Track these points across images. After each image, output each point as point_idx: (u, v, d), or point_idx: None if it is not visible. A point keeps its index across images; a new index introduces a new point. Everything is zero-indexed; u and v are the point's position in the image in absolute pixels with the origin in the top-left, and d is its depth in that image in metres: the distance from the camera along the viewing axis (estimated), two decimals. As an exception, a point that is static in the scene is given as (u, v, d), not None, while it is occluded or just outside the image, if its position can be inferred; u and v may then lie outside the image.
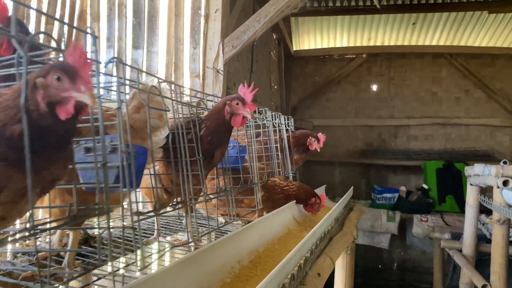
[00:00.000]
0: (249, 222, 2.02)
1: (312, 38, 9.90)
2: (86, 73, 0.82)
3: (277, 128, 2.92)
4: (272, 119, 2.82)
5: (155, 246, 1.92)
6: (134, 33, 4.24)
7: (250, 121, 2.44)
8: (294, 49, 10.03)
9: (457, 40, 9.43)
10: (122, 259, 1.40)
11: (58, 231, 1.53)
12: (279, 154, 2.81)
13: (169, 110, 1.50)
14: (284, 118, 3.14)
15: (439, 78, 9.59)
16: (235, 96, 1.78)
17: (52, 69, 0.81)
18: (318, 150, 3.08)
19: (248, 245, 1.65)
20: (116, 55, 4.03)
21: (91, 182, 1.09)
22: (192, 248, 1.78)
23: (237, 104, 1.76)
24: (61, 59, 0.94)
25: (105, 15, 4.16)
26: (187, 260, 1.20)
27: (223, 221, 2.40)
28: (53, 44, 2.05)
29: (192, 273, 1.21)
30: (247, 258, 1.57)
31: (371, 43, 9.83)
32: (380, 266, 9.30)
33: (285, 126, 3.14)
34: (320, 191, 3.35)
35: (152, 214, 1.42)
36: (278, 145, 2.78)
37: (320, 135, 3.13)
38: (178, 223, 2.41)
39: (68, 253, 1.41)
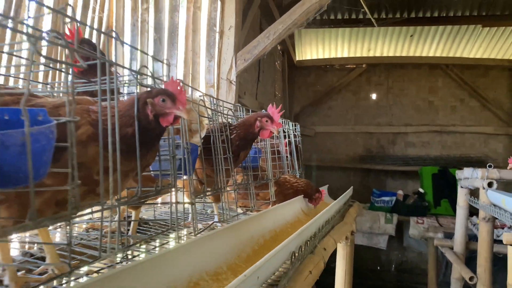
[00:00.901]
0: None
1: (314, 48, 10.36)
2: (182, 97, 1.25)
3: (286, 134, 3.35)
4: (283, 126, 3.25)
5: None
6: (155, 47, 4.68)
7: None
8: (297, 59, 10.48)
9: (453, 52, 9.88)
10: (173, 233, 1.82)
11: (121, 210, 1.96)
12: (288, 156, 3.24)
13: (210, 118, 1.93)
14: (292, 125, 3.58)
15: (435, 88, 10.02)
16: (265, 114, 2.19)
17: (159, 94, 1.24)
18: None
19: (268, 225, 2.07)
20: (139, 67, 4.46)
21: (161, 170, 1.51)
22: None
23: (267, 121, 2.17)
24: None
25: (129, 31, 4.63)
26: (228, 228, 1.62)
27: (241, 211, 2.82)
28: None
29: (231, 241, 1.62)
30: (268, 234, 1.99)
31: (371, 54, 10.28)
32: (378, 268, 9.67)
33: (293, 132, 3.58)
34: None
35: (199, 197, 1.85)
36: (288, 148, 3.21)
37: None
38: (204, 212, 2.82)
39: (132, 225, 1.83)
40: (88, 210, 1.19)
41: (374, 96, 10.38)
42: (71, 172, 0.97)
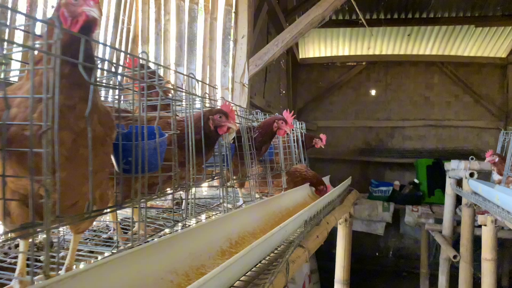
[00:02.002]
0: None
1: (316, 47, 10.92)
2: (233, 115, 1.87)
3: (298, 131, 3.96)
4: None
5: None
6: (176, 53, 5.28)
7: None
8: (300, 57, 11.03)
9: (448, 50, 10.43)
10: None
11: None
12: (296, 150, 3.85)
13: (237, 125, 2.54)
14: (299, 123, 4.19)
15: (431, 84, 10.56)
16: (281, 117, 2.81)
17: (217, 112, 1.85)
18: (323, 147, 4.12)
19: (284, 205, 2.68)
20: (162, 73, 5.07)
21: (220, 163, 2.13)
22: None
23: (282, 123, 2.79)
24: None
25: (153, 39, 5.23)
26: (259, 204, 2.24)
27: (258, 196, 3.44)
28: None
29: (261, 213, 2.24)
30: (285, 211, 2.61)
31: (370, 52, 10.83)
32: (376, 254, 10.31)
33: (300, 129, 4.19)
34: (326, 179, 4.39)
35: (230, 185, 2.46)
36: (296, 143, 3.82)
37: (322, 135, 4.17)
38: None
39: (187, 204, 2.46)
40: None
41: (373, 92, 10.93)
42: (174, 165, 1.59)
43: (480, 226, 4.56)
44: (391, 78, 10.79)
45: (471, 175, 4.77)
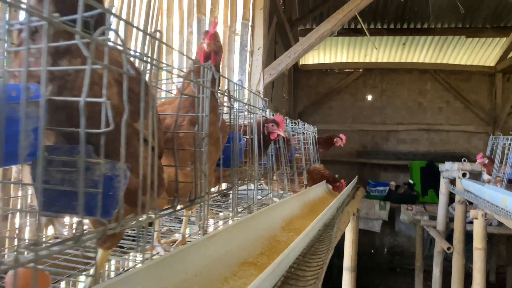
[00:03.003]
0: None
1: (316, 54, 11.47)
2: (283, 124, 2.38)
3: (310, 134, 4.49)
4: (309, 129, 4.39)
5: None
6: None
7: (298, 131, 4.02)
8: (301, 63, 11.56)
9: (440, 59, 11.06)
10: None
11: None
12: (312, 151, 4.37)
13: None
14: (312, 127, 4.71)
15: (424, 91, 11.17)
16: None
17: (271, 121, 2.37)
18: (342, 145, 4.65)
19: (308, 198, 3.20)
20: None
21: (268, 163, 2.63)
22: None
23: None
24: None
25: (176, 49, 5.70)
26: (293, 198, 2.75)
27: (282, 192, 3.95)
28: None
29: (294, 205, 2.75)
30: (312, 202, 3.13)
31: (367, 60, 11.42)
32: (372, 251, 10.87)
33: (313, 133, 4.72)
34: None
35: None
36: (312, 145, 4.34)
37: (341, 135, 4.70)
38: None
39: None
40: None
41: (369, 97, 11.51)
42: (254, 162, 2.10)
43: (471, 222, 5.13)
44: (386, 84, 11.35)
45: (464, 175, 5.34)
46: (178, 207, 1.35)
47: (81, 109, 0.78)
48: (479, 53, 10.65)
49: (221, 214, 2.59)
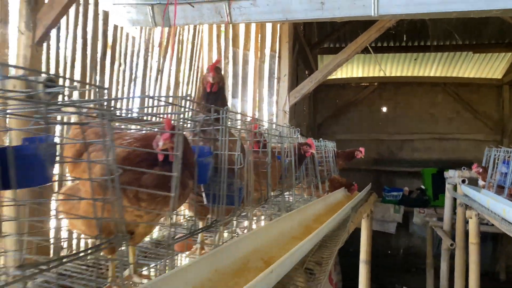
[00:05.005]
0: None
1: (334, 70, 12.42)
2: (313, 146, 3.37)
3: (331, 149, 5.47)
4: (328, 145, 5.36)
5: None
6: (233, 88, 6.81)
7: (320, 148, 5.00)
8: (320, 78, 12.53)
9: (450, 72, 11.89)
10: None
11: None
12: (332, 164, 5.35)
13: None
14: (333, 143, 5.69)
15: (435, 102, 11.96)
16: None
17: (305, 145, 3.36)
18: (362, 157, 5.61)
19: (333, 201, 4.18)
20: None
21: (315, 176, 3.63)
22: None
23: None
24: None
25: (215, 78, 6.74)
26: (318, 201, 3.73)
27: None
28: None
29: (319, 207, 3.73)
30: (334, 204, 4.11)
31: (382, 74, 12.30)
32: (389, 252, 11.66)
33: (333, 148, 5.69)
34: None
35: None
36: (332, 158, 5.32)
37: (361, 148, 5.65)
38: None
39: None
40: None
41: (384, 109, 12.38)
42: (293, 175, 3.11)
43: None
44: (400, 97, 12.18)
45: (463, 181, 6.22)
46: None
47: (225, 158, 1.81)
48: (486, 66, 11.44)
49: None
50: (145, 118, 2.22)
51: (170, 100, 4.52)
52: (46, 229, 2.30)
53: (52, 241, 2.38)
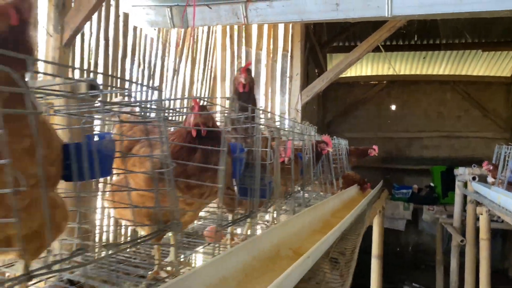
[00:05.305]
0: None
1: (343, 68, 12.51)
2: (330, 143, 3.50)
3: (344, 147, 5.59)
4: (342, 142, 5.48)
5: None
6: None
7: (335, 145, 5.12)
8: (329, 77, 12.63)
9: (459, 71, 11.94)
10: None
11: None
12: (345, 161, 5.47)
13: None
14: (346, 141, 5.80)
15: (444, 100, 12.01)
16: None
17: (322, 142, 3.48)
18: (376, 155, 5.72)
19: (347, 197, 4.30)
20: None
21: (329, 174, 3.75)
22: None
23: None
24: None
25: (228, 77, 6.88)
26: (334, 197, 3.85)
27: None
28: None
29: (335, 203, 3.85)
30: (348, 200, 4.23)
31: (390, 72, 12.39)
32: (398, 249, 11.75)
33: (345, 145, 5.81)
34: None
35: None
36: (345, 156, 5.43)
37: (374, 146, 5.76)
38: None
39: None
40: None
41: (393, 107, 12.45)
42: (311, 171, 3.23)
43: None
44: (408, 95, 12.24)
45: (474, 178, 6.31)
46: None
47: (259, 155, 1.94)
48: (495, 64, 11.48)
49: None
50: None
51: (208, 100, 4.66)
52: (94, 219, 2.46)
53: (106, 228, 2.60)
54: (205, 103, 1.67)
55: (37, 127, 1.00)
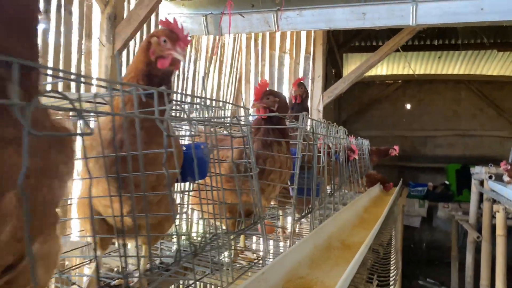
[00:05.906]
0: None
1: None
2: (357, 151, 3.77)
3: (366, 146, 5.86)
4: (364, 142, 5.75)
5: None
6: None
7: (358, 145, 5.39)
8: (344, 75, 12.86)
9: (474, 70, 12.10)
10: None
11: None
12: (368, 161, 5.74)
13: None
14: (367, 141, 6.07)
15: (459, 99, 12.22)
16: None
17: (349, 149, 3.77)
18: (397, 155, 5.98)
19: (372, 196, 4.58)
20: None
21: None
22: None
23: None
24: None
25: (253, 79, 7.17)
26: (364, 195, 4.14)
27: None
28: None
29: (367, 199, 4.14)
30: (373, 198, 4.51)
31: (405, 72, 12.58)
32: (412, 245, 11.98)
33: (367, 145, 6.08)
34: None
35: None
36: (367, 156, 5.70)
37: (395, 146, 6.03)
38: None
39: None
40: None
41: (408, 106, 12.67)
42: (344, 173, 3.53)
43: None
44: (423, 94, 12.48)
45: (490, 177, 6.54)
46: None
47: (315, 159, 2.24)
48: (510, 64, 11.62)
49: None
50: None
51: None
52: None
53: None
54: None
55: (175, 143, 1.31)
